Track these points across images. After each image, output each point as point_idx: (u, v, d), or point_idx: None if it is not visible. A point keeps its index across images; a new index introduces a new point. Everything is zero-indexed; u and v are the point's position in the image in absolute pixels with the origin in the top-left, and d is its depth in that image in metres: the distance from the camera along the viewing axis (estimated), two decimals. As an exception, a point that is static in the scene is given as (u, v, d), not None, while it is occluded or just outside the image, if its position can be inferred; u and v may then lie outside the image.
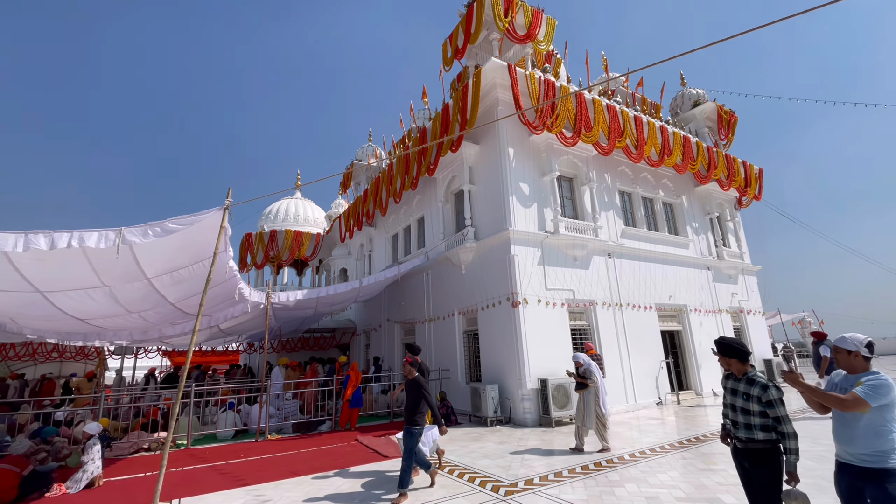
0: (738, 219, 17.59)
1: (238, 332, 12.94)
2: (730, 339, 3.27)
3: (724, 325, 14.56)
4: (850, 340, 2.79)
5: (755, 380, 3.11)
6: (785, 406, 2.98)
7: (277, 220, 24.02)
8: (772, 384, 3.05)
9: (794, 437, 2.91)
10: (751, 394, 3.08)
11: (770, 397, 2.99)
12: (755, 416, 3.03)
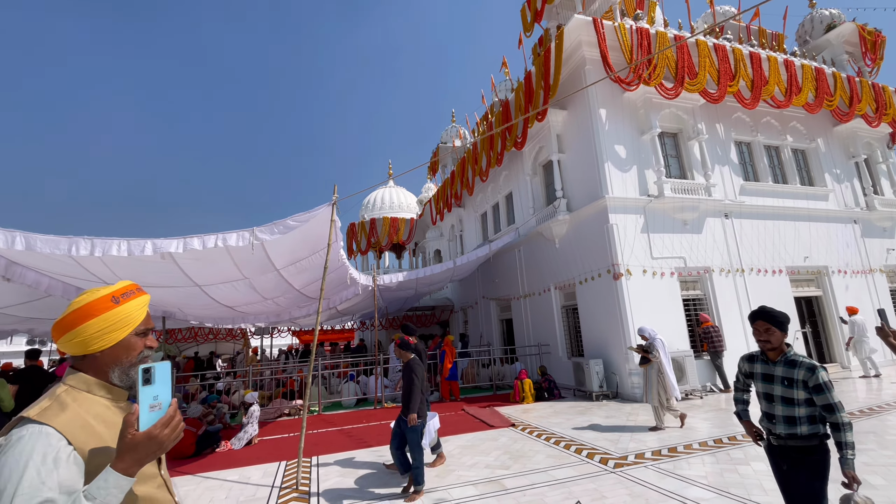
0: (892, 160, 14.48)
1: (352, 312, 14.29)
2: (769, 307, 2.65)
3: (877, 287, 12.29)
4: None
5: (797, 360, 2.54)
6: (835, 391, 2.45)
7: (375, 209, 25.62)
8: (819, 365, 2.50)
9: (850, 428, 2.40)
10: (794, 378, 2.51)
11: (819, 380, 2.45)
12: (801, 405, 2.50)
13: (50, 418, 1.04)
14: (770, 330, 2.59)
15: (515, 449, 5.93)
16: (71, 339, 1.14)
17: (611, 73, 10.07)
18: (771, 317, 2.59)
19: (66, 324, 1.14)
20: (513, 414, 8.45)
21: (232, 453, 7.09)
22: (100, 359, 1.18)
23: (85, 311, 1.15)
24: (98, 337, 1.15)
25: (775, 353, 2.61)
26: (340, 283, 8.45)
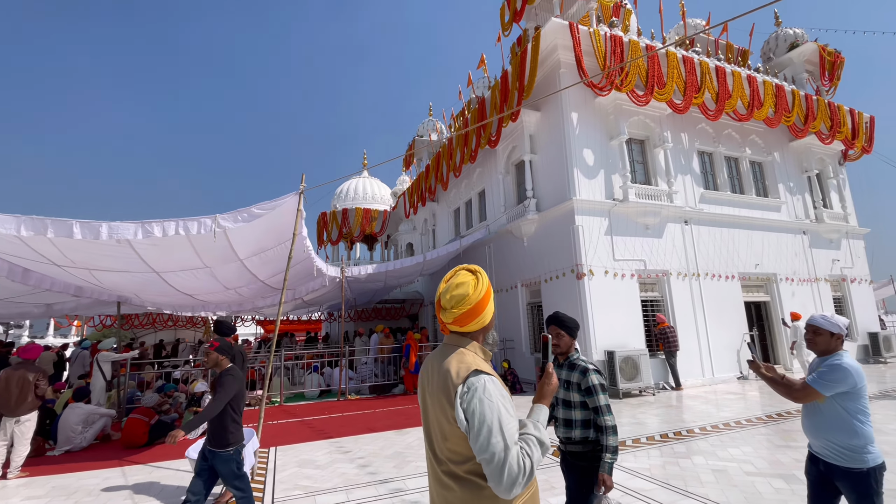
0: (842, 176, 15.45)
1: (319, 303, 14.14)
2: (562, 314, 2.71)
3: (821, 295, 13.14)
4: (830, 321, 2.48)
5: (577, 363, 2.60)
6: (606, 395, 2.50)
7: (348, 199, 25.29)
8: (594, 369, 2.53)
9: (612, 432, 2.41)
10: (571, 380, 2.57)
11: (590, 382, 2.48)
12: (576, 408, 2.53)
13: (488, 370, 1.41)
14: (560, 335, 2.63)
15: (473, 442, 6.08)
16: (479, 320, 1.49)
17: (584, 77, 10.30)
18: (561, 322, 2.65)
19: (476, 310, 1.47)
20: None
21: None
22: (483, 329, 1.55)
23: (486, 297, 1.50)
24: (491, 313, 1.54)
25: (563, 356, 2.67)
26: (307, 274, 8.36)
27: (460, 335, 1.51)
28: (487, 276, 1.57)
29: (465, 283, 1.48)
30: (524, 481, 1.26)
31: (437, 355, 1.51)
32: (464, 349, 1.46)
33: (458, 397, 1.32)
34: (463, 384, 1.33)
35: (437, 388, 1.42)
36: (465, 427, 1.30)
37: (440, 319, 1.52)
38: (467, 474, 1.35)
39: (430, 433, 1.48)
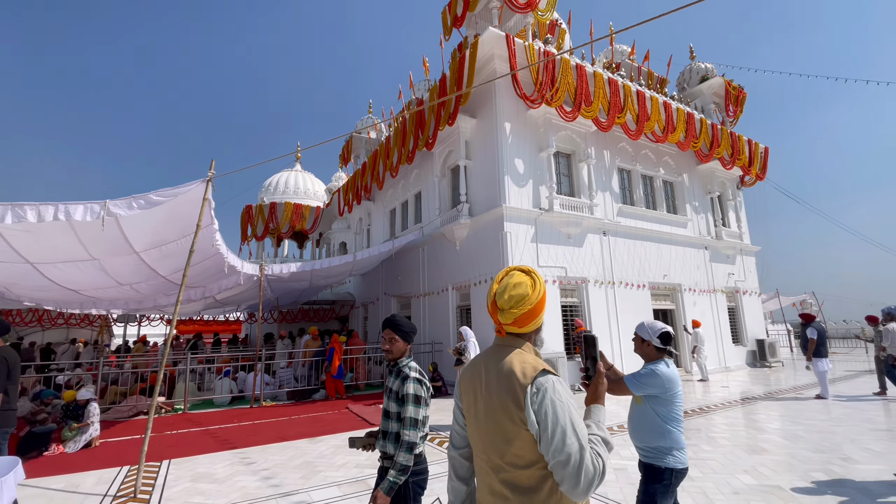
0: (739, 199, 17.38)
1: (236, 302, 13.19)
2: (399, 317, 2.49)
3: (718, 304, 14.62)
4: (645, 328, 2.61)
5: (402, 370, 2.35)
6: (423, 408, 2.26)
7: (277, 192, 24.00)
8: (416, 377, 2.30)
9: (407, 449, 2.15)
10: (392, 389, 2.35)
11: (406, 390, 2.24)
12: (393, 419, 2.29)
13: (552, 370, 1.37)
14: (394, 339, 2.40)
15: (389, 448, 5.93)
16: (536, 321, 1.47)
17: (518, 88, 10.61)
18: (397, 326, 2.41)
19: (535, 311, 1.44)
20: (396, 412, 8.47)
21: (64, 457, 6.10)
22: (537, 332, 1.52)
23: (544, 299, 1.48)
24: (544, 314, 1.50)
25: (393, 362, 2.45)
26: (217, 270, 7.71)
27: (515, 336, 1.48)
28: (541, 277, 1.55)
29: (522, 283, 1.46)
30: (598, 482, 1.22)
31: (491, 357, 1.48)
32: (521, 350, 1.44)
33: (527, 398, 1.30)
34: (532, 384, 1.31)
35: (497, 389, 1.37)
36: (536, 429, 1.27)
37: (496, 321, 1.49)
38: (529, 480, 1.31)
39: (486, 439, 1.40)
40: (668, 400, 2.47)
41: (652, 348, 2.55)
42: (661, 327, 2.56)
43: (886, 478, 4.30)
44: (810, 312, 9.91)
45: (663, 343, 2.53)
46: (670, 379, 2.46)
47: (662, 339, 2.54)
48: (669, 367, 2.50)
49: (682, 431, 2.48)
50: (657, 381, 2.45)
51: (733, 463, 4.90)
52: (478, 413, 1.43)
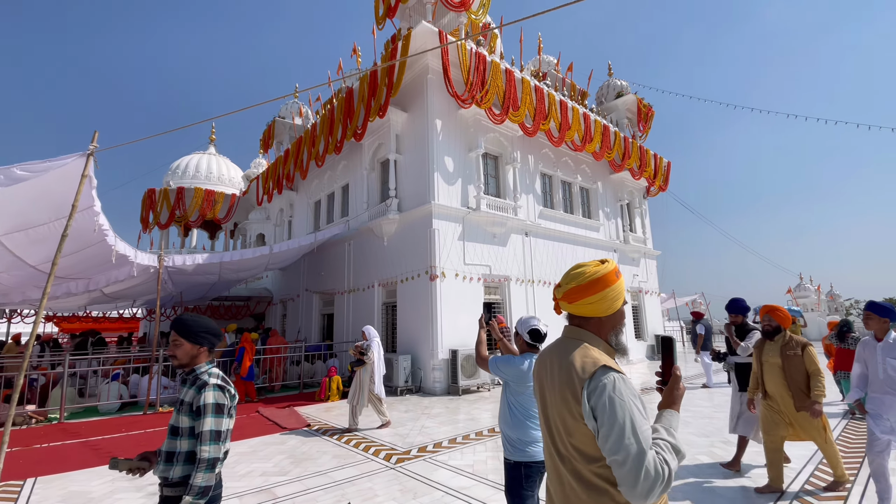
0: (645, 207, 19.09)
1: (130, 297, 11.70)
2: (191, 316, 2.09)
3: (624, 303, 15.93)
4: (520, 322, 2.71)
5: (199, 378, 1.97)
6: (226, 419, 1.90)
7: (187, 176, 21.87)
8: (216, 384, 1.93)
9: (206, 467, 1.79)
10: (185, 400, 1.95)
11: (203, 401, 1.87)
12: (184, 437, 1.90)
13: (616, 367, 1.31)
14: (178, 343, 2.00)
15: (302, 452, 5.60)
16: (591, 301, 1.40)
17: (449, 86, 10.65)
18: (182, 326, 2.02)
19: (588, 288, 1.39)
20: (313, 413, 8.07)
21: None
22: (605, 321, 1.43)
23: (605, 280, 1.39)
24: (611, 302, 1.40)
25: (185, 369, 2.03)
26: (103, 260, 6.73)
27: (580, 328, 1.44)
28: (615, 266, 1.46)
29: (587, 265, 1.45)
30: (661, 489, 1.13)
31: (557, 348, 1.45)
32: (587, 344, 1.39)
33: (584, 393, 1.26)
34: (590, 380, 1.27)
35: (559, 381, 1.36)
36: (594, 426, 1.23)
37: (555, 300, 1.50)
38: (594, 476, 1.27)
39: (552, 428, 1.40)
40: (519, 392, 2.55)
41: (522, 342, 2.66)
42: (534, 324, 2.64)
43: (762, 458, 4.92)
44: (700, 311, 11.16)
45: (532, 340, 2.63)
46: (523, 372, 2.53)
47: (532, 336, 2.63)
48: (528, 363, 2.55)
49: (537, 427, 2.47)
50: (509, 369, 2.55)
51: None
52: (545, 402, 1.45)
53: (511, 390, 2.58)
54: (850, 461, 4.70)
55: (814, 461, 4.73)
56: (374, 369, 6.66)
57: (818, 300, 30.67)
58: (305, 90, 13.16)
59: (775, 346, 4.10)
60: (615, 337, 1.45)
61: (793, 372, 3.96)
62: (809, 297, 30.90)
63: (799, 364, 3.94)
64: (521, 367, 2.53)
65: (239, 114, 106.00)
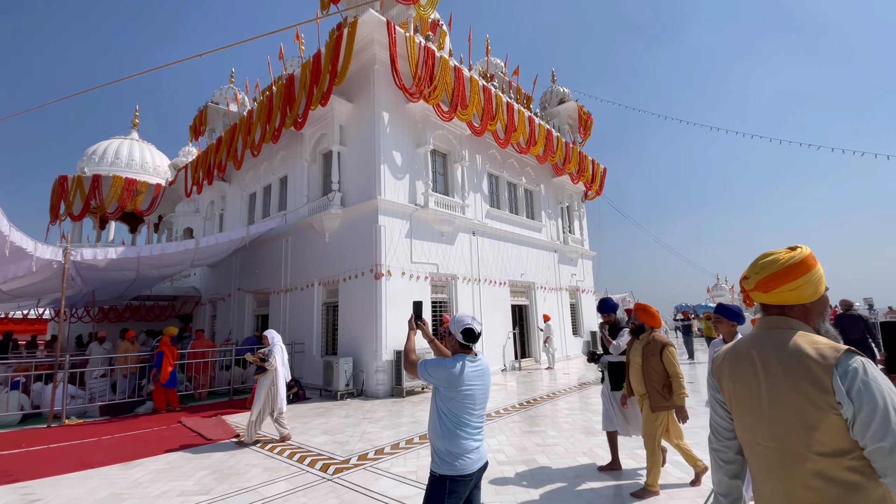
0: (583, 210, 19.93)
1: (33, 295, 10.23)
2: None
3: (563, 301, 16.52)
4: (454, 321, 2.46)
5: None
6: None
7: (104, 162, 19.73)
8: None
9: None
10: None
11: None
12: None
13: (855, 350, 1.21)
14: None
15: (228, 466, 5.13)
16: (792, 287, 1.34)
17: (397, 78, 10.37)
18: None
19: (787, 274, 1.34)
20: (242, 422, 7.46)
21: None
22: (811, 308, 1.36)
23: (805, 264, 1.34)
24: (815, 286, 1.35)
25: None
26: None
27: (784, 317, 1.36)
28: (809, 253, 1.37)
29: (776, 252, 1.40)
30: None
31: (761, 340, 1.35)
32: (801, 331, 1.30)
33: (835, 379, 1.16)
34: (838, 365, 1.17)
35: (785, 373, 1.25)
36: (851, 412, 1.13)
37: (744, 293, 1.45)
38: (845, 471, 1.15)
39: (779, 428, 1.25)
40: (449, 397, 2.30)
41: (455, 343, 2.44)
42: (468, 323, 2.41)
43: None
44: (629, 308, 11.80)
45: (466, 339, 2.40)
46: (455, 376, 2.28)
47: (465, 336, 2.40)
48: (460, 365, 2.32)
49: (469, 437, 2.28)
50: (440, 373, 2.30)
51: (574, 446, 5.41)
52: (759, 400, 1.31)
53: (441, 396, 2.33)
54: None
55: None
56: (275, 377, 6.16)
57: (732, 298, 33.89)
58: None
59: (639, 345, 4.04)
60: (822, 324, 1.37)
61: (650, 372, 3.87)
62: (724, 296, 34.10)
63: (657, 365, 3.83)
64: (452, 370, 2.28)
65: (169, 100, 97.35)
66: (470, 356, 2.39)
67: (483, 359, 2.47)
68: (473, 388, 2.31)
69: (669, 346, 3.85)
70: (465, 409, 2.29)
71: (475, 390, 2.32)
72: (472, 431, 2.30)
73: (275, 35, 47.77)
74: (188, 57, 8.95)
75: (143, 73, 4.87)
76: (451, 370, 2.29)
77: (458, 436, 2.26)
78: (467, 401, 2.30)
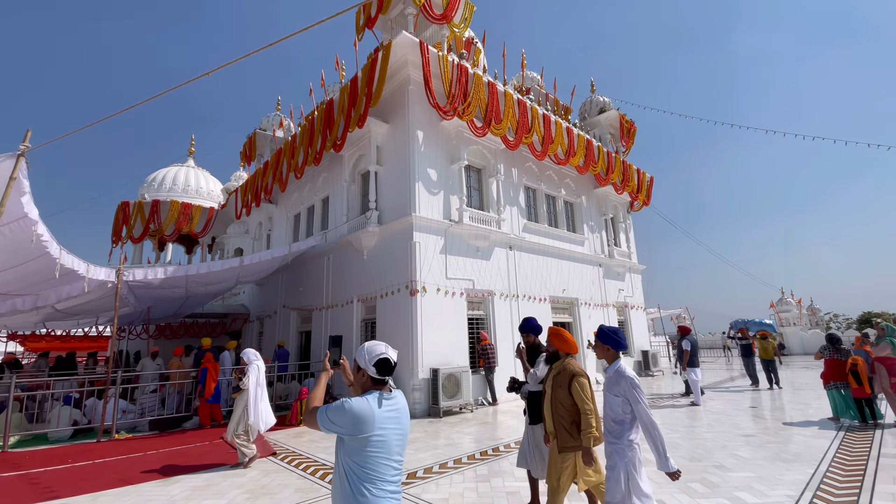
0: (629, 221, 19.06)
1: (91, 312, 11.01)
2: None
3: (610, 317, 15.69)
4: (363, 352, 2.03)
5: None
6: None
7: (163, 189, 21.24)
8: None
9: None
10: None
11: None
12: None
13: None
14: None
15: (262, 485, 5.09)
16: None
17: (430, 97, 10.45)
18: None
19: None
20: (282, 439, 7.51)
21: None
22: None
23: None
24: None
25: None
26: (47, 274, 6.18)
27: None
28: None
29: None
30: None
31: None
32: None
33: None
34: None
35: None
36: None
37: None
38: None
39: None
40: (354, 448, 1.83)
41: (366, 378, 1.99)
42: (381, 352, 1.98)
43: (756, 485, 4.58)
44: (687, 325, 10.95)
45: (380, 373, 1.97)
46: (361, 419, 1.81)
47: (380, 368, 1.96)
48: (371, 404, 1.87)
49: (383, 496, 1.82)
50: (345, 417, 1.81)
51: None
52: None
53: (346, 448, 1.86)
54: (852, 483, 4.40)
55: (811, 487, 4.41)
56: (248, 398, 5.96)
57: (800, 314, 30.96)
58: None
59: (552, 374, 3.49)
60: None
61: (557, 406, 3.31)
62: (791, 311, 31.19)
63: (565, 398, 3.28)
64: (360, 412, 1.82)
65: (218, 127, 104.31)
66: (385, 392, 1.97)
67: (400, 395, 2.03)
68: (387, 433, 1.87)
69: (580, 376, 3.27)
70: (376, 460, 1.84)
71: (389, 435, 1.87)
72: (386, 488, 1.84)
73: (317, 62, 49.58)
74: (238, 58, 8.48)
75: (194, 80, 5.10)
76: (359, 412, 1.82)
77: (369, 496, 1.79)
78: (380, 449, 1.85)
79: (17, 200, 4.00)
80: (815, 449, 5.81)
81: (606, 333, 3.17)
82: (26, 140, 3.88)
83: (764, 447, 5.97)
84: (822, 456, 5.47)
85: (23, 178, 3.92)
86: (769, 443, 6.21)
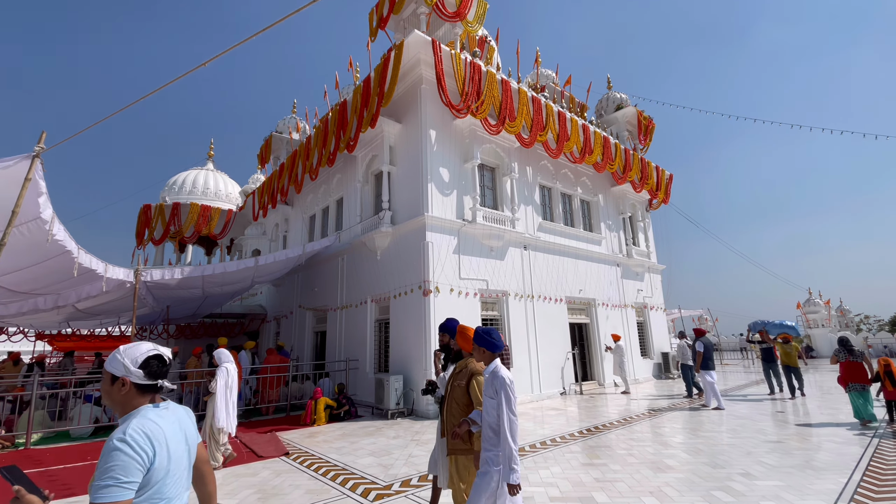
0: (648, 220, 18.64)
1: (112, 312, 11.27)
2: None
3: (629, 319, 15.35)
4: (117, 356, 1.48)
5: None
6: None
7: (183, 191, 21.70)
8: None
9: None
10: None
11: None
12: None
13: None
14: None
15: (273, 486, 5.06)
16: None
17: (443, 95, 10.36)
18: None
19: None
20: (295, 439, 7.52)
21: None
22: None
23: None
24: None
25: None
26: (65, 274, 6.31)
27: None
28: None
29: None
30: None
31: None
32: None
33: None
34: None
35: None
36: None
37: None
38: None
39: None
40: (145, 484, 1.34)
41: (129, 389, 1.46)
42: (144, 352, 1.49)
43: (785, 495, 4.35)
44: (703, 328, 10.65)
45: (150, 376, 1.48)
46: (141, 455, 1.32)
47: (149, 371, 1.48)
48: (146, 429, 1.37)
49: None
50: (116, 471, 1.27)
51: (640, 484, 4.74)
52: None
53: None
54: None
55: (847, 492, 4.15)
56: (216, 400, 5.86)
57: (829, 315, 29.83)
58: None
59: (453, 373, 3.29)
60: None
61: (452, 406, 3.10)
62: (820, 313, 30.07)
63: (461, 397, 3.08)
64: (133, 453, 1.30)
65: (236, 131, 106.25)
66: (157, 404, 1.51)
67: (172, 403, 1.59)
68: (175, 453, 1.44)
69: (479, 374, 3.07)
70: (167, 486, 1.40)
71: (175, 452, 1.44)
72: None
73: (332, 66, 49.96)
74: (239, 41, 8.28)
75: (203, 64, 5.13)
76: (132, 452, 1.30)
77: None
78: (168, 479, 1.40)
79: (35, 201, 4.08)
80: (848, 456, 5.51)
81: (480, 335, 2.95)
82: (41, 142, 3.95)
83: (792, 454, 5.69)
84: (856, 464, 5.18)
85: (38, 179, 4.00)
86: (797, 449, 5.92)
